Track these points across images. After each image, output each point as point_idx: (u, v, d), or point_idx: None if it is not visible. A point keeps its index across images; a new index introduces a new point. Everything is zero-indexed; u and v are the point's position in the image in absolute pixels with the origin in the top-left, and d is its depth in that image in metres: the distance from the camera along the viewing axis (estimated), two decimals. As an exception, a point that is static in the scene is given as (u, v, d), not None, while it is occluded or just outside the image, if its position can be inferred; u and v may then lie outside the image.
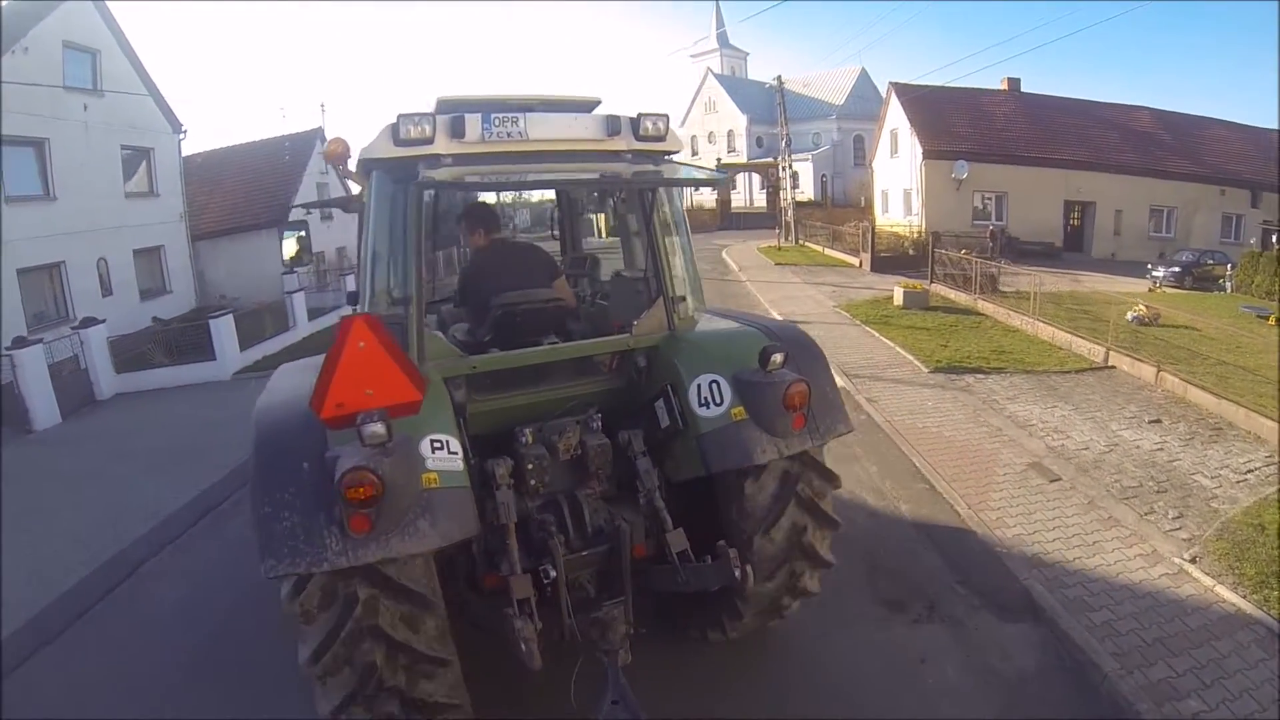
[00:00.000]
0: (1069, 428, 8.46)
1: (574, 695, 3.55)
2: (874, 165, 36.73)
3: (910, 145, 30.49)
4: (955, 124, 30.33)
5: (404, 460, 2.90)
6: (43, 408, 12.19)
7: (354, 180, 4.44)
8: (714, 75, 61.70)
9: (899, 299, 15.54)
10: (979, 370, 10.84)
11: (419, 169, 3.41)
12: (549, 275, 4.51)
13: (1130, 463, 7.41)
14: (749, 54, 66.58)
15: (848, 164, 54.54)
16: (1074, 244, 30.30)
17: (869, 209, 37.04)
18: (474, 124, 3.57)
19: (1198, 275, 22.31)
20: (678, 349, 4.10)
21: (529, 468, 3.75)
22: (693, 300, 4.45)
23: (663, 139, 4.03)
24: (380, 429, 2.75)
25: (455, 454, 3.19)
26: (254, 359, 14.85)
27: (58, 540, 6.84)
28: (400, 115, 3.47)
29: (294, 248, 6.27)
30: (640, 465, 3.91)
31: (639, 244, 4.74)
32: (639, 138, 3.95)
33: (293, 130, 27.33)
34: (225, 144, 29.53)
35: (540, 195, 8.31)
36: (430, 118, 3.51)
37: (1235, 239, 28.80)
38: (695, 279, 4.56)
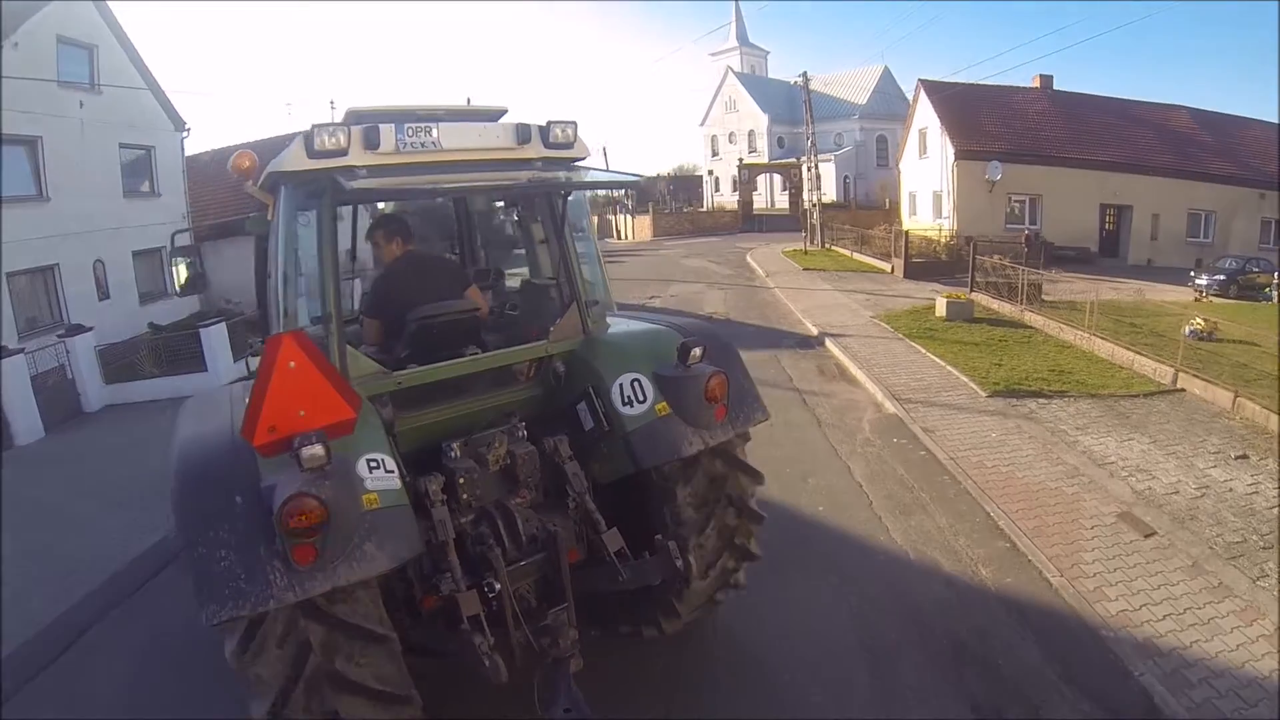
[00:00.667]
0: (1152, 466, 7.47)
1: (539, 706, 3.45)
2: (901, 166, 35.61)
3: (940, 145, 29.33)
4: (987, 123, 29.14)
5: (344, 483, 2.83)
6: (24, 422, 11.67)
7: (258, 197, 4.21)
8: (734, 74, 60.82)
9: (941, 310, 14.48)
10: (1040, 394, 9.81)
11: (336, 180, 3.28)
12: (462, 286, 4.49)
13: (1228, 510, 6.48)
14: (769, 52, 65.78)
15: (870, 165, 53.48)
16: (1109, 249, 29.04)
17: (895, 211, 36.02)
18: (388, 134, 3.52)
19: (1242, 284, 21.06)
20: (596, 351, 4.19)
21: (461, 482, 3.74)
22: (603, 303, 4.57)
23: (571, 146, 4.05)
24: (319, 450, 2.68)
25: (392, 472, 3.13)
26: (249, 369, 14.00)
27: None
28: (315, 125, 3.37)
29: (184, 274, 5.58)
30: (568, 470, 3.92)
31: (546, 252, 4.75)
32: (548, 145, 3.97)
33: (302, 128, 26.66)
34: (232, 142, 28.87)
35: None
36: (345, 128, 3.43)
37: (1275, 244, 27.62)
38: (605, 282, 4.67)
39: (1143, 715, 4.14)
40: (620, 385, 3.93)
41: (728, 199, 42.49)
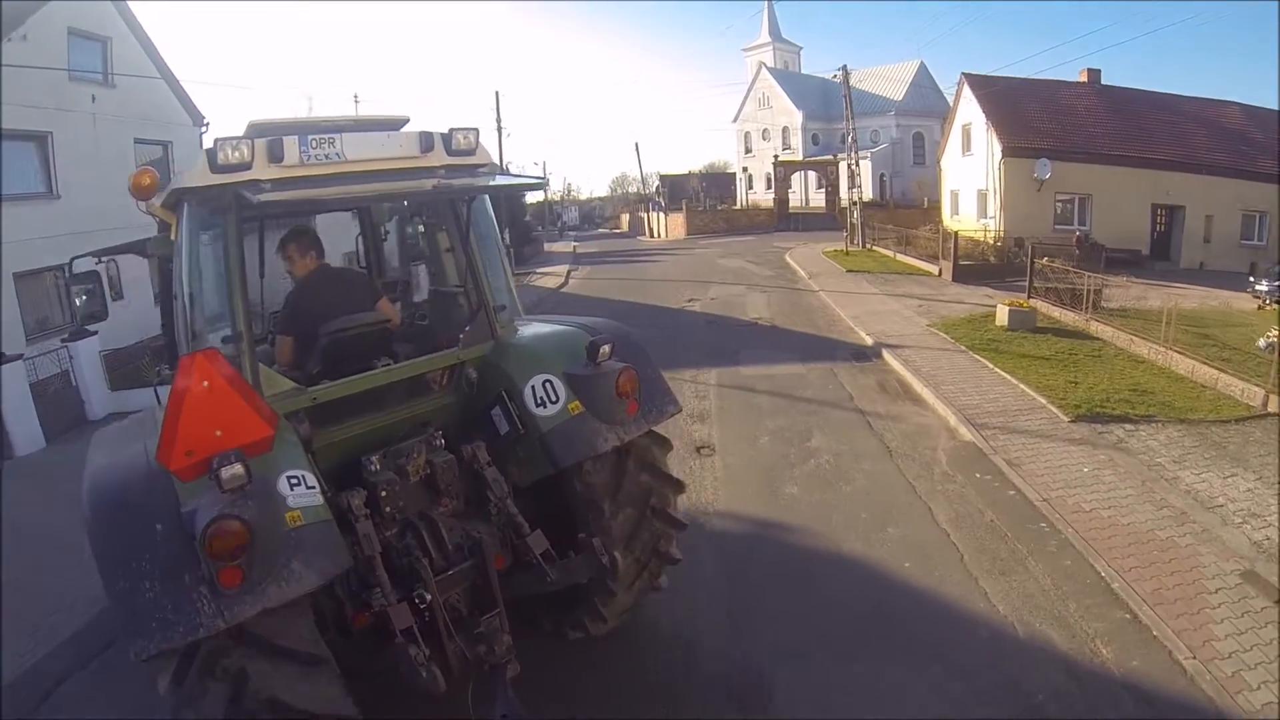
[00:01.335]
0: (1265, 510, 6.42)
1: (472, 710, 3.45)
2: (942, 163, 34.12)
3: (986, 142, 27.92)
4: (1034, 119, 27.69)
5: (266, 502, 2.80)
6: (24, 431, 11.07)
7: (160, 217, 4.13)
8: (767, 69, 59.62)
9: (1003, 319, 13.28)
10: (1126, 419, 8.69)
11: (241, 195, 3.26)
12: (372, 298, 4.46)
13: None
14: (802, 48, 64.47)
15: (906, 162, 52.05)
16: (1160, 252, 27.44)
17: (934, 210, 34.65)
18: (292, 147, 3.47)
19: (1305, 290, 19.62)
20: (506, 355, 4.24)
21: (383, 494, 3.74)
22: (511, 307, 4.63)
23: (473, 153, 4.05)
24: (239, 470, 2.65)
25: (313, 488, 3.08)
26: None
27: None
28: (217, 140, 3.34)
29: (83, 306, 5.11)
30: (488, 475, 3.92)
31: (451, 259, 4.74)
32: (451, 152, 3.97)
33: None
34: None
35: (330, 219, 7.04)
36: (249, 142, 3.37)
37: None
38: (511, 287, 4.71)
39: None
40: (533, 387, 3.98)
41: (761, 196, 41.39)
